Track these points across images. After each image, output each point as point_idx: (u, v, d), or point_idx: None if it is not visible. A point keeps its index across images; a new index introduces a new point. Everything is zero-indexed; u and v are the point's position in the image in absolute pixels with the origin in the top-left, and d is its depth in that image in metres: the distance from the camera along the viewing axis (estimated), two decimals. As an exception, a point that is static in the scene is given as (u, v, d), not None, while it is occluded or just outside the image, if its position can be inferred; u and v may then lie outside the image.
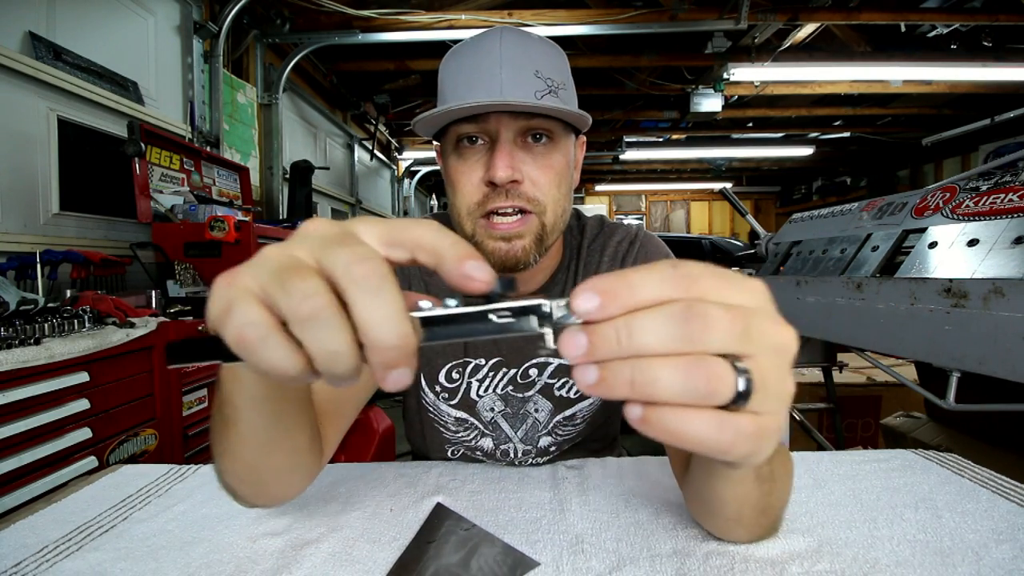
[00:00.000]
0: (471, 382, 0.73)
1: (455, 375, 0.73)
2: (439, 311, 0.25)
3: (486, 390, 0.73)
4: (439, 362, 0.73)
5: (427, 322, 0.25)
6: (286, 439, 0.45)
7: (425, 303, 0.25)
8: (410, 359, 0.23)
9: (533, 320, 0.25)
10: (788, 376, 0.25)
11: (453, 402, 0.74)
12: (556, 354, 0.26)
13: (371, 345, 0.23)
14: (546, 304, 0.25)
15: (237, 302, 0.23)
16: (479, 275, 0.24)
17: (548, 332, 0.25)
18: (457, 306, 0.25)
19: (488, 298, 0.25)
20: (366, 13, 3.32)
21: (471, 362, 0.73)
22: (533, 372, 0.73)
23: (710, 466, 0.40)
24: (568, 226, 0.75)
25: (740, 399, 0.23)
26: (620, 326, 0.23)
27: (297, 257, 0.24)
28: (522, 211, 0.61)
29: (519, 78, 0.59)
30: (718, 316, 0.23)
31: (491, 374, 0.73)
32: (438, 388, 0.74)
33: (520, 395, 0.73)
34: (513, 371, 0.73)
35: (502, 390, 0.73)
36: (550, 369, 0.73)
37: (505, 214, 0.61)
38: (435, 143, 0.70)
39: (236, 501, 0.51)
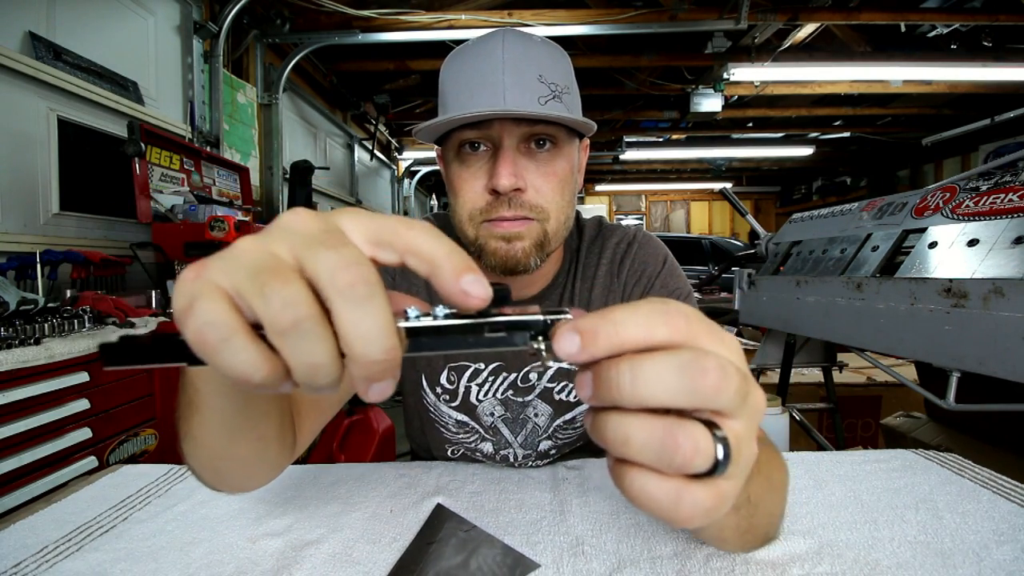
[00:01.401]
0: (470, 386, 0.73)
1: (453, 377, 0.73)
2: (428, 322, 0.23)
3: (486, 394, 0.73)
4: (440, 363, 0.73)
5: (413, 332, 0.23)
6: (252, 428, 0.42)
7: (412, 310, 0.23)
8: (394, 371, 0.22)
9: (526, 335, 0.24)
10: (754, 441, 0.24)
11: (454, 404, 0.74)
12: (555, 359, 0.23)
13: (355, 359, 0.21)
14: (541, 319, 0.24)
15: (201, 298, 0.21)
16: (476, 291, 0.22)
17: (542, 347, 0.24)
18: (447, 316, 0.23)
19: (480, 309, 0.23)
20: (366, 13, 3.31)
21: (470, 366, 0.72)
22: (533, 376, 0.73)
23: None
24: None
25: (713, 471, 0.22)
26: (624, 370, 0.22)
27: (277, 256, 0.22)
28: (525, 218, 0.61)
29: (522, 83, 0.58)
30: (730, 375, 0.22)
31: (491, 378, 0.72)
32: (439, 390, 0.73)
33: (520, 399, 0.73)
34: (513, 375, 0.72)
35: (502, 395, 0.73)
36: (550, 373, 0.72)
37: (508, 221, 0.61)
38: (436, 147, 0.69)
39: (200, 481, 0.49)
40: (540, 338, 0.24)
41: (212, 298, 0.21)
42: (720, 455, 0.22)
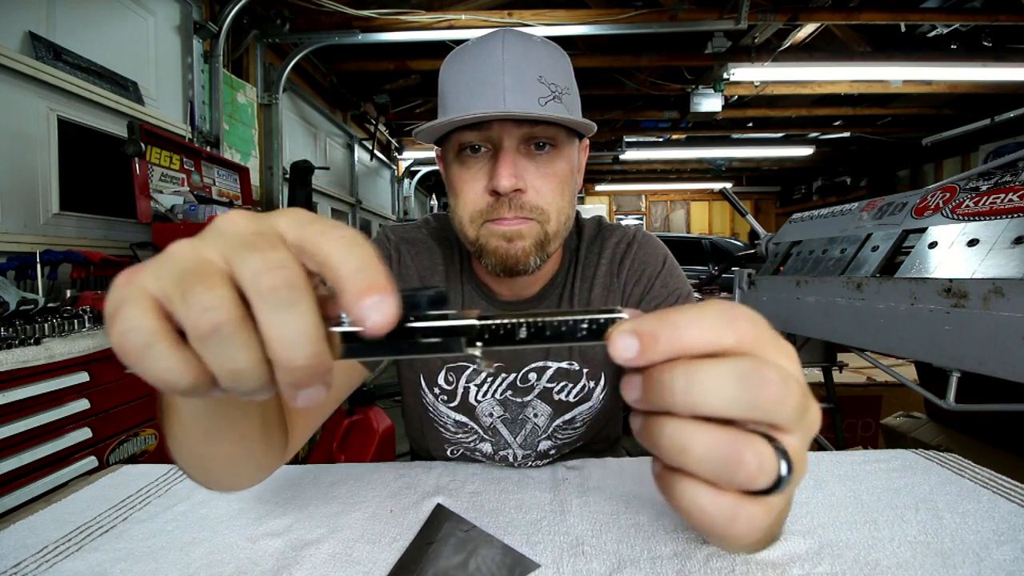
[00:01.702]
0: (469, 386, 0.72)
1: (451, 377, 0.73)
2: (359, 328, 0.22)
3: (485, 395, 0.73)
4: (437, 363, 0.73)
5: (348, 337, 0.23)
6: (231, 429, 0.41)
7: (346, 315, 0.23)
8: (322, 377, 0.21)
9: (461, 341, 0.23)
10: (806, 456, 0.24)
11: (452, 404, 0.73)
12: (488, 367, 0.25)
13: (278, 364, 0.21)
14: (474, 325, 0.23)
15: (126, 304, 0.21)
16: (374, 316, 0.21)
17: (477, 353, 0.23)
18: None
19: (414, 313, 0.23)
20: (366, 13, 3.31)
21: (468, 366, 0.72)
22: (532, 376, 0.72)
23: None
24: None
25: (774, 488, 0.21)
26: (679, 375, 0.21)
27: (206, 259, 0.22)
28: (526, 219, 0.61)
29: (522, 85, 0.58)
30: (791, 389, 0.21)
31: (490, 379, 0.72)
32: (437, 390, 0.73)
33: (519, 399, 0.73)
34: (513, 375, 0.72)
35: (501, 395, 0.73)
36: (549, 373, 0.72)
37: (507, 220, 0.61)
38: (436, 148, 0.69)
39: (190, 479, 0.49)
40: (476, 343, 0.23)
41: (136, 304, 0.21)
42: (784, 472, 0.21)
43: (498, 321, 0.23)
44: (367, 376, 0.68)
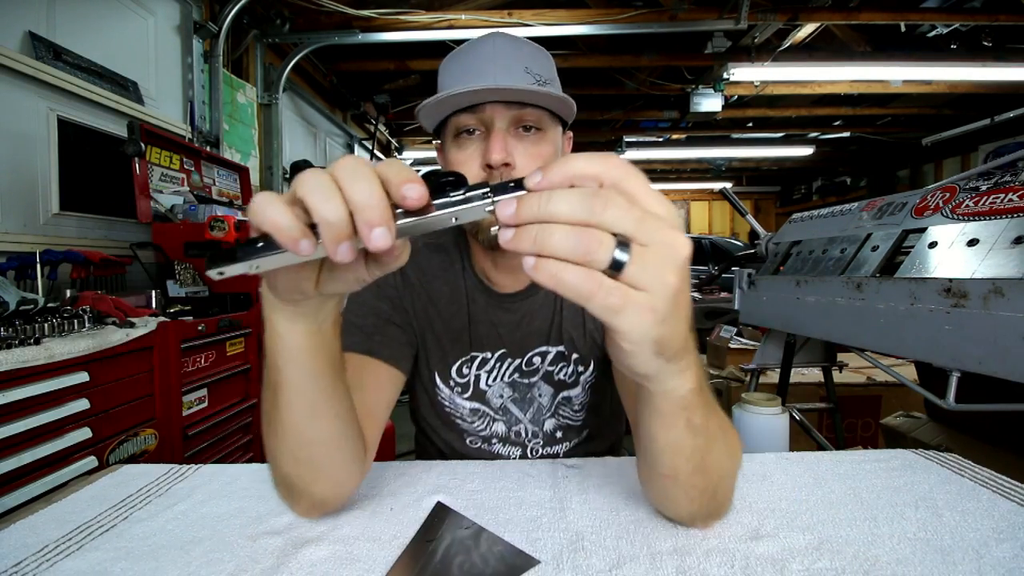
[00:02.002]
0: (479, 374, 0.79)
1: (465, 370, 0.79)
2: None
3: (494, 380, 0.79)
4: (450, 359, 0.79)
5: (404, 214, 0.32)
6: (327, 403, 0.48)
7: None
8: (387, 220, 0.30)
9: (479, 194, 0.32)
10: (672, 271, 0.31)
11: (467, 395, 0.79)
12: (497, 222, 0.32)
13: (355, 207, 0.30)
14: (486, 186, 0.32)
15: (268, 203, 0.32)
16: (411, 193, 0.31)
17: (491, 206, 0.32)
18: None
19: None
20: (366, 13, 3.31)
21: (478, 356, 0.79)
22: (536, 360, 0.79)
23: (641, 403, 0.44)
24: None
25: (615, 266, 0.30)
26: (543, 197, 0.30)
27: (316, 172, 0.33)
28: None
29: (511, 73, 0.66)
30: (618, 203, 0.30)
31: (497, 364, 0.79)
32: (452, 383, 0.79)
33: (526, 381, 0.79)
34: (518, 360, 0.79)
35: (508, 378, 0.79)
36: (550, 356, 0.79)
37: None
38: (435, 141, 0.75)
39: (293, 506, 0.55)
40: (490, 197, 0.32)
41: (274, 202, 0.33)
42: (617, 255, 0.30)
43: (499, 181, 0.33)
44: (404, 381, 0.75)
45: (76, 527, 0.55)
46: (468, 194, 0.32)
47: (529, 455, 0.81)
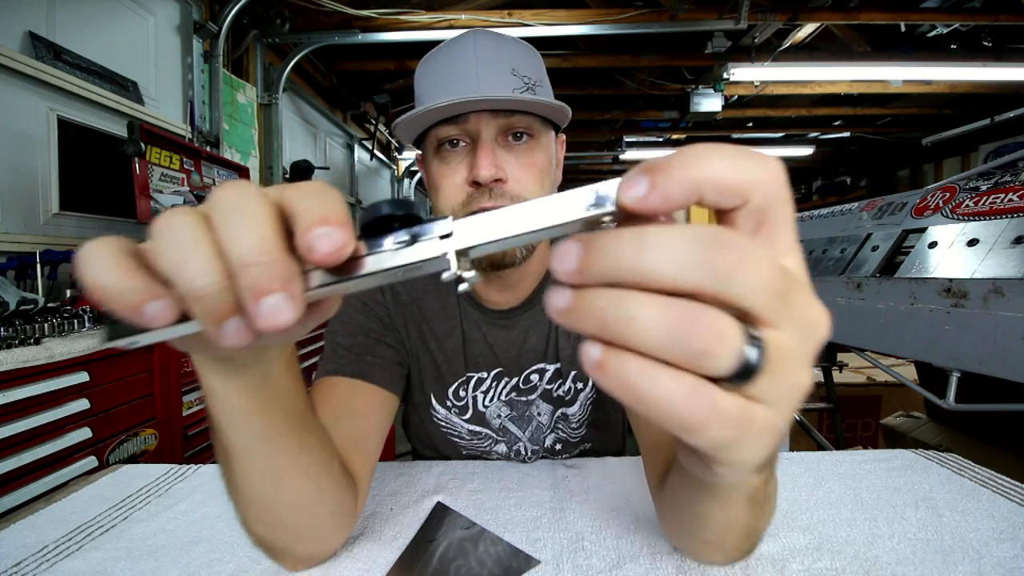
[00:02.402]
0: (476, 395, 0.74)
1: (462, 392, 0.74)
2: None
3: (491, 400, 0.74)
4: (447, 381, 0.74)
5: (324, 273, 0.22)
6: (291, 463, 0.40)
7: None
8: (284, 283, 0.20)
9: (436, 241, 0.21)
10: (808, 368, 0.20)
11: (466, 416, 0.75)
12: (460, 281, 0.21)
13: (233, 265, 0.20)
14: (442, 224, 0.21)
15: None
16: (321, 245, 0.20)
17: (450, 254, 0.20)
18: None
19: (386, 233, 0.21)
20: (366, 13, 3.31)
21: (473, 376, 0.74)
22: (534, 378, 0.74)
23: (694, 482, 0.34)
24: None
25: (740, 376, 0.17)
26: (627, 237, 0.18)
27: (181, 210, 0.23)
28: None
29: (496, 76, 0.59)
30: (758, 258, 0.17)
31: (494, 384, 0.74)
32: (449, 403, 0.75)
33: (524, 399, 0.75)
34: (515, 379, 0.74)
35: (506, 396, 0.75)
36: (548, 374, 0.74)
37: None
38: (417, 152, 0.70)
39: (278, 563, 0.47)
40: (463, 253, 0.21)
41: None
42: (752, 357, 0.17)
43: (481, 215, 0.20)
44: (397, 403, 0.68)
45: (76, 527, 0.55)
46: (419, 240, 0.21)
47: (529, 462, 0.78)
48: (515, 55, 0.62)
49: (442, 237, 0.21)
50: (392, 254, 0.21)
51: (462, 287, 0.21)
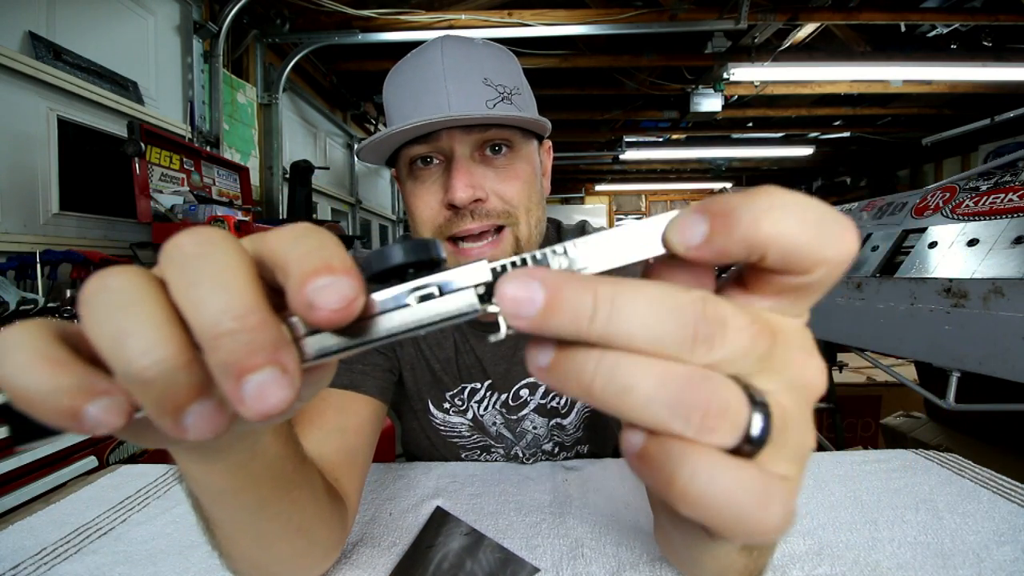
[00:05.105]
0: (471, 404, 0.73)
1: (458, 401, 0.73)
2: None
3: (486, 409, 0.73)
4: (444, 390, 0.72)
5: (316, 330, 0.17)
6: (283, 526, 0.36)
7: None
8: (269, 353, 0.15)
9: (472, 297, 0.17)
10: (810, 426, 0.18)
11: (466, 417, 0.74)
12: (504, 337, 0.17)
13: (202, 335, 0.15)
14: (484, 268, 0.17)
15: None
16: (324, 300, 0.15)
17: (496, 310, 0.16)
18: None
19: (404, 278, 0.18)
20: (366, 13, 3.31)
21: (467, 386, 0.72)
22: (524, 392, 0.72)
23: (685, 530, 0.30)
24: (546, 238, 0.69)
25: (750, 445, 0.16)
26: (602, 293, 0.15)
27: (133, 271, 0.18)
28: (497, 228, 0.57)
29: (466, 88, 0.55)
30: (740, 325, 0.16)
31: (487, 394, 0.72)
32: (447, 405, 0.74)
33: (514, 416, 0.73)
34: (504, 395, 0.72)
35: (498, 409, 0.74)
36: (541, 388, 0.71)
37: (474, 237, 0.57)
38: (392, 170, 0.65)
39: None
40: (490, 298, 0.17)
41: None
42: (756, 429, 0.16)
43: (516, 258, 0.17)
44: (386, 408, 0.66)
45: (74, 529, 0.55)
46: (452, 293, 0.17)
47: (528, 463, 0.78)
48: (487, 62, 0.58)
49: (477, 287, 0.17)
50: (413, 309, 0.17)
51: (498, 336, 0.17)
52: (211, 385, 0.16)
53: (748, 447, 0.16)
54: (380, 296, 0.17)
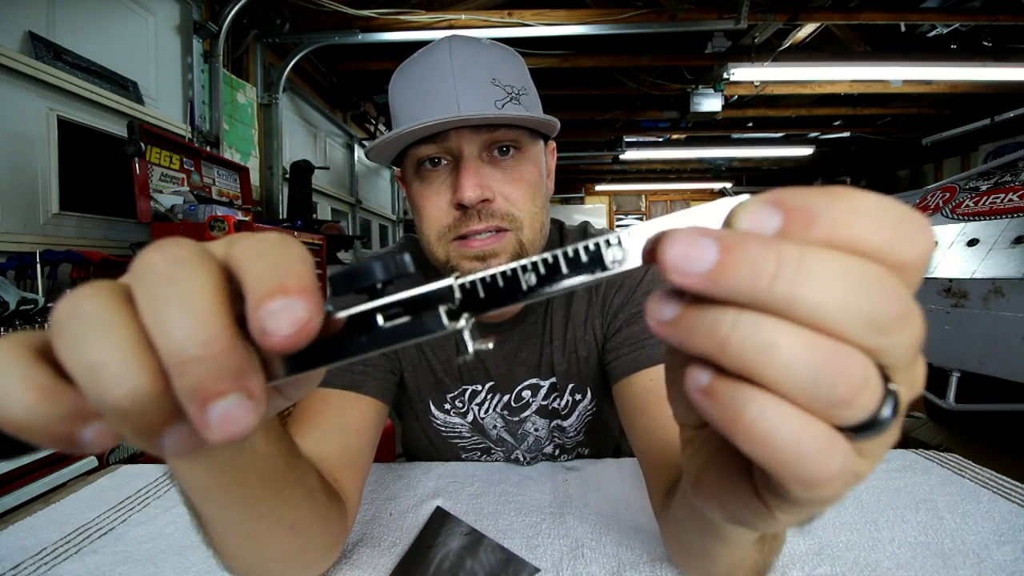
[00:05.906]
0: (472, 407, 0.73)
1: (458, 403, 0.73)
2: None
3: (487, 412, 0.73)
4: (445, 391, 0.72)
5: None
6: (275, 523, 0.36)
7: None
8: (235, 379, 0.15)
9: (440, 315, 0.17)
10: (899, 428, 0.18)
11: (466, 420, 0.74)
12: (473, 355, 0.19)
13: (168, 359, 0.15)
14: (446, 284, 0.17)
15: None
16: (276, 325, 0.15)
17: (464, 326, 0.17)
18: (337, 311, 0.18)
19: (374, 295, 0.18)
20: (366, 13, 3.31)
21: (468, 388, 0.72)
22: (527, 394, 0.72)
23: (702, 522, 0.31)
24: (548, 240, 0.69)
25: (868, 429, 0.15)
26: (787, 253, 0.14)
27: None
28: (498, 229, 0.57)
29: (475, 88, 0.55)
30: (915, 315, 0.15)
31: (489, 396, 0.72)
32: (447, 406, 0.73)
33: (516, 418, 0.73)
34: (506, 397, 0.72)
35: (500, 411, 0.73)
36: (543, 391, 0.72)
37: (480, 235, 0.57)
38: (396, 170, 0.66)
39: None
40: (462, 315, 0.17)
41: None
42: (887, 412, 0.15)
43: (485, 274, 0.17)
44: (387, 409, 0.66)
45: (74, 529, 0.55)
46: (420, 312, 0.17)
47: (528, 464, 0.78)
48: (495, 62, 0.58)
49: (447, 307, 0.17)
50: (381, 329, 0.17)
51: (467, 355, 0.17)
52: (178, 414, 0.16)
53: (865, 432, 0.16)
54: (346, 314, 0.17)
